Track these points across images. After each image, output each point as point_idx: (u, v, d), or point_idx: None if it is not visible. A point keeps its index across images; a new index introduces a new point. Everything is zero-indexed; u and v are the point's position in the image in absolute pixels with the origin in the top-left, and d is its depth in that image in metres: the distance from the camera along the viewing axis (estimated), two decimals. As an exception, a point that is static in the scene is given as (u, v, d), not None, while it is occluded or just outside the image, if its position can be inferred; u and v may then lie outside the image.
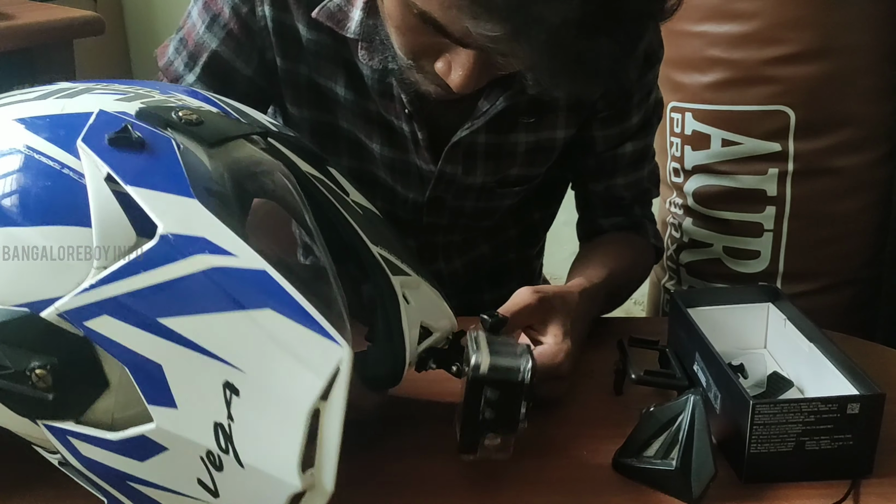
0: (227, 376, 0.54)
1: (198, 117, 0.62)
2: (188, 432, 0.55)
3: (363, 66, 0.89)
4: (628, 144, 1.01)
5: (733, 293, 0.87)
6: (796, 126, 1.18)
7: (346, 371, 0.54)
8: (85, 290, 0.55)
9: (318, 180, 0.68)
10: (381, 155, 0.96)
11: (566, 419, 0.79)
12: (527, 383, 0.66)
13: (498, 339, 0.70)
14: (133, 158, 0.58)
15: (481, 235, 1.08)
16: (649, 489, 0.69)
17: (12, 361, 0.56)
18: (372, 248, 0.66)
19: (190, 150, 0.59)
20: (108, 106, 0.62)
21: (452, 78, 0.75)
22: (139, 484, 0.58)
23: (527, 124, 0.95)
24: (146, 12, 2.80)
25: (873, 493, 0.69)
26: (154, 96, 0.65)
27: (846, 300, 1.28)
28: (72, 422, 0.58)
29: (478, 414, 0.66)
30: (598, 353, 0.89)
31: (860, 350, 0.88)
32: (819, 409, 0.68)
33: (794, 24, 1.15)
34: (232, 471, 0.55)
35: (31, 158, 0.58)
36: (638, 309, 2.27)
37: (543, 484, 0.70)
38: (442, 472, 0.71)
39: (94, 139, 0.58)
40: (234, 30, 0.90)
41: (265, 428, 0.54)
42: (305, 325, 0.54)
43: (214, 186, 0.59)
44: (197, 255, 0.54)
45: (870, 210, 1.27)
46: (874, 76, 1.20)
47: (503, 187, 1.00)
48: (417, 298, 0.68)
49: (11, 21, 1.65)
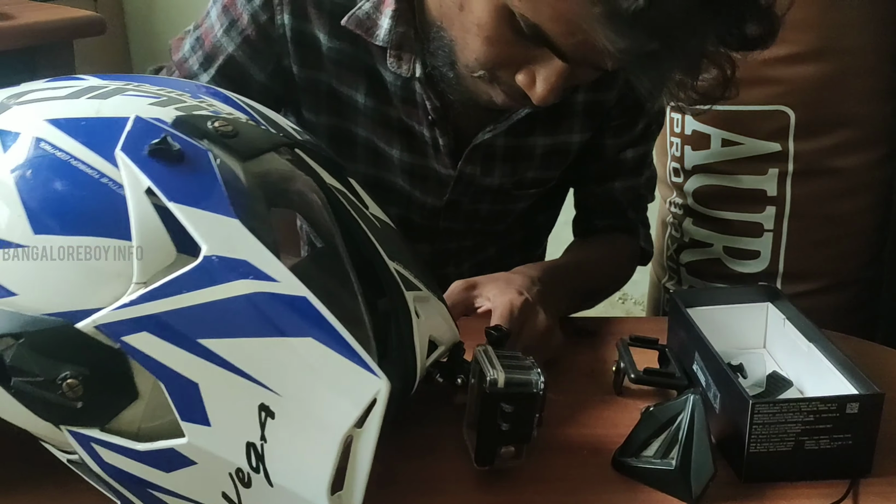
0: (264, 399, 0.54)
1: (233, 129, 0.61)
2: (219, 450, 0.56)
3: (387, 73, 0.90)
4: (629, 151, 1.02)
5: (732, 293, 0.87)
6: (796, 126, 1.18)
7: (382, 402, 0.55)
8: (125, 305, 0.54)
9: (341, 193, 0.68)
10: (400, 161, 0.96)
11: (566, 419, 0.79)
12: (540, 395, 0.67)
13: (506, 354, 0.71)
14: (173, 172, 0.56)
15: (490, 240, 1.09)
16: (649, 489, 0.69)
17: (42, 370, 0.56)
18: (389, 264, 0.66)
19: (226, 164, 0.58)
20: (143, 111, 0.60)
21: (537, 90, 0.75)
22: (159, 492, 0.58)
23: (544, 128, 0.96)
24: (146, 12, 2.80)
25: (872, 492, 0.70)
26: (186, 101, 0.64)
27: (846, 300, 1.28)
28: (97, 429, 0.57)
29: (494, 427, 0.67)
30: (598, 352, 0.90)
31: (860, 350, 0.88)
32: (818, 409, 0.68)
33: (794, 24, 1.15)
34: (260, 489, 0.56)
35: (68, 164, 0.57)
36: (638, 309, 2.27)
37: (543, 483, 0.70)
38: (442, 472, 0.71)
39: (133, 149, 0.57)
40: (251, 36, 0.91)
41: (298, 450, 0.55)
42: (345, 356, 0.55)
43: (250, 203, 0.58)
44: (241, 280, 0.54)
45: (870, 210, 1.26)
46: (874, 77, 1.20)
47: (519, 189, 1.01)
48: (427, 312, 0.69)
49: (11, 21, 1.65)
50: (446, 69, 0.83)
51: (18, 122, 0.59)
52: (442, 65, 0.83)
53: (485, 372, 0.68)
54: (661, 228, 1.40)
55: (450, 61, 0.82)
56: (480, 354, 0.71)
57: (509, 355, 0.71)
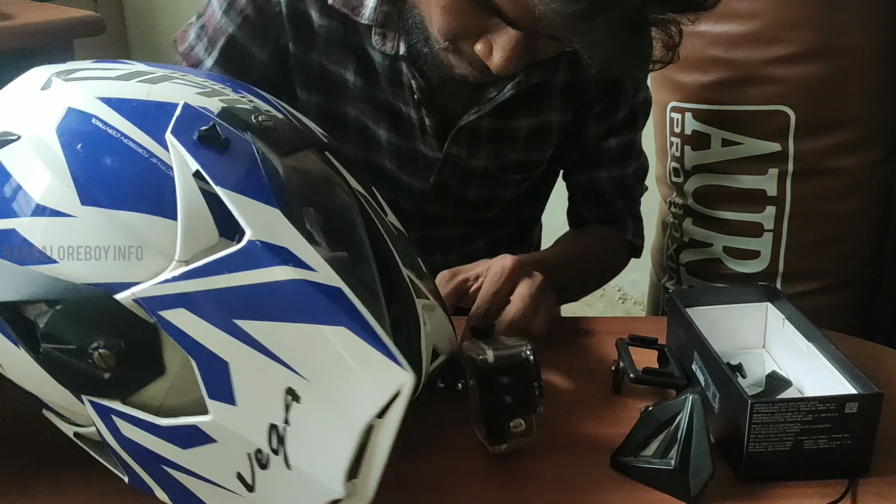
0: (291, 383, 0.55)
1: (273, 124, 0.63)
2: (242, 430, 0.57)
3: (374, 52, 0.92)
4: (612, 139, 1.04)
5: (732, 293, 0.87)
6: (796, 126, 1.18)
7: (406, 394, 0.56)
8: (166, 280, 0.56)
9: (364, 198, 0.69)
10: (387, 142, 0.98)
11: (565, 418, 0.79)
12: (532, 360, 0.70)
13: (494, 339, 0.75)
14: (219, 158, 0.58)
15: (479, 230, 1.09)
16: (648, 488, 0.69)
17: (76, 338, 0.57)
18: (403, 271, 0.68)
19: (267, 157, 0.60)
20: (191, 99, 0.62)
21: (493, 59, 0.77)
22: (173, 469, 0.59)
23: (527, 109, 0.98)
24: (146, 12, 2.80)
25: (871, 492, 0.70)
26: (228, 94, 0.66)
27: (846, 300, 1.28)
28: (119, 401, 0.59)
29: (498, 402, 0.69)
30: (597, 352, 0.90)
31: (859, 350, 0.88)
32: (817, 409, 0.68)
33: (793, 24, 1.15)
34: (277, 471, 0.57)
35: (120, 142, 0.58)
36: (638, 309, 2.27)
37: (542, 482, 0.70)
38: (441, 471, 0.71)
39: (182, 133, 0.59)
40: (250, 15, 0.93)
41: (320, 435, 0.56)
42: (375, 347, 0.56)
43: (289, 196, 0.60)
44: (281, 266, 0.56)
45: (870, 210, 1.26)
46: (874, 76, 1.20)
47: (504, 173, 1.03)
48: (432, 321, 0.70)
49: (11, 21, 1.65)
50: (421, 45, 0.85)
51: (70, 97, 0.61)
52: (417, 41, 0.86)
53: (475, 356, 0.70)
54: (661, 228, 1.40)
55: (423, 37, 0.84)
56: (467, 346, 0.73)
57: (497, 339, 0.74)
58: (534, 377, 0.70)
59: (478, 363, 0.70)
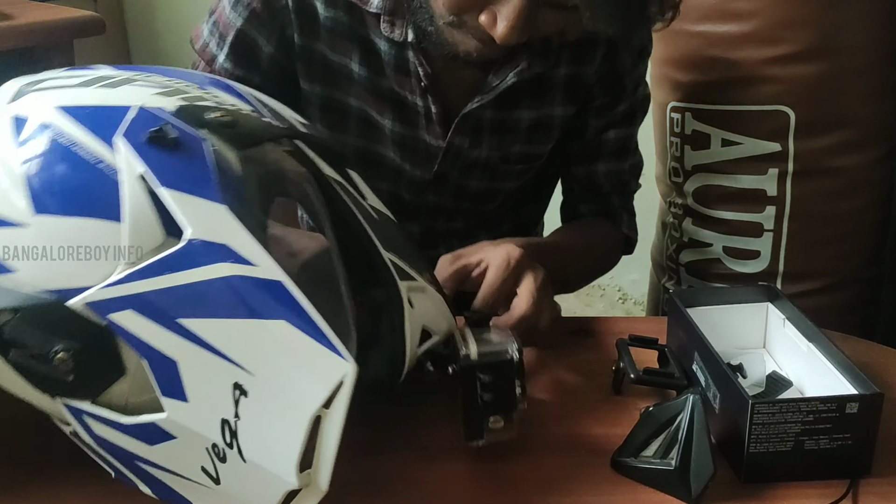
0: (238, 378, 0.57)
1: (231, 118, 0.63)
2: (196, 425, 0.58)
3: (381, 41, 0.94)
4: (611, 132, 1.06)
5: (732, 293, 0.87)
6: (796, 126, 1.18)
7: (349, 384, 0.57)
8: (112, 283, 0.57)
9: (339, 184, 0.70)
10: (391, 131, 0.99)
11: (565, 418, 0.79)
12: (516, 361, 0.69)
13: (485, 330, 0.75)
14: (167, 159, 0.59)
15: (480, 225, 1.10)
16: (648, 489, 0.69)
17: (36, 343, 0.59)
18: (384, 254, 0.69)
19: (222, 153, 0.61)
20: (147, 101, 0.63)
21: (498, 29, 0.80)
22: (146, 465, 0.61)
23: (530, 101, 0.99)
24: (146, 12, 2.80)
25: (872, 492, 0.69)
26: (191, 92, 0.67)
27: (846, 300, 1.28)
28: (88, 402, 0.61)
29: (477, 400, 0.69)
30: (598, 352, 0.89)
31: (860, 350, 0.88)
32: (818, 409, 0.68)
33: (793, 24, 1.15)
34: (234, 464, 0.58)
35: (68, 150, 0.60)
36: (638, 309, 2.27)
37: (542, 483, 0.70)
38: (440, 473, 0.71)
39: (133, 135, 0.60)
40: (256, 8, 0.94)
41: (269, 428, 0.57)
42: (315, 339, 0.57)
43: (242, 191, 0.61)
44: (220, 263, 0.57)
45: (870, 210, 1.26)
46: (874, 76, 1.20)
47: (506, 164, 1.04)
48: (421, 302, 0.71)
49: (11, 21, 1.65)
50: (427, 24, 0.87)
51: (31, 108, 0.63)
52: (422, 20, 0.88)
53: (458, 349, 0.70)
54: (661, 228, 1.40)
55: (428, 15, 0.87)
56: (457, 336, 0.73)
57: (488, 331, 0.74)
58: (516, 377, 0.70)
59: (460, 358, 0.70)
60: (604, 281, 2.25)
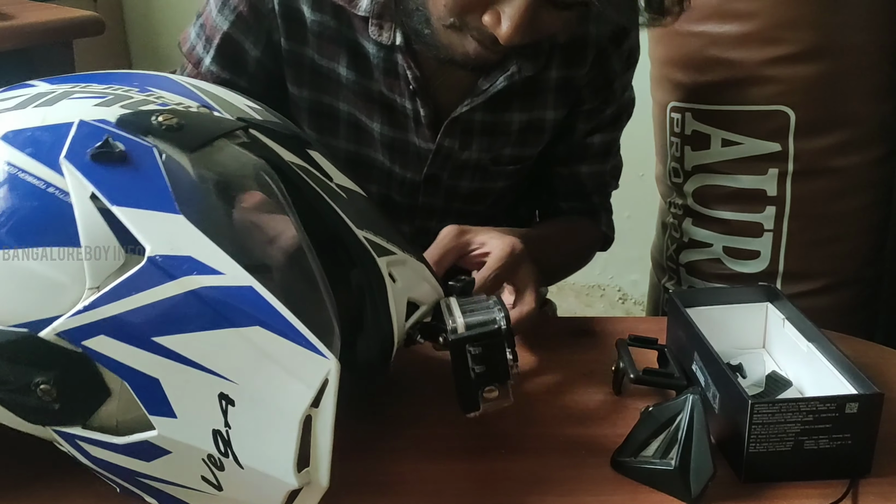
0: (222, 388, 0.56)
1: (178, 121, 0.61)
2: (188, 439, 0.57)
3: (369, 44, 0.93)
4: (597, 136, 1.06)
5: (732, 293, 0.87)
6: (796, 126, 1.18)
7: (334, 381, 0.56)
8: (80, 311, 0.56)
9: (301, 168, 0.68)
10: (380, 134, 0.99)
11: (565, 418, 0.79)
12: (504, 330, 0.69)
13: (469, 300, 0.73)
14: (116, 174, 0.58)
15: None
16: (648, 489, 0.69)
17: (15, 377, 0.58)
18: (357, 234, 0.67)
19: (173, 159, 0.59)
20: (87, 114, 0.61)
21: (502, 29, 0.80)
22: (147, 479, 0.61)
23: (521, 103, 0.99)
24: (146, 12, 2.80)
25: (872, 492, 0.69)
26: (133, 96, 0.65)
27: (846, 300, 1.28)
28: (79, 427, 0.60)
29: (469, 373, 0.69)
30: (597, 352, 0.89)
31: (860, 350, 0.88)
32: (818, 409, 0.68)
33: (793, 24, 1.15)
34: (233, 470, 0.58)
35: (16, 177, 0.58)
36: (638, 309, 2.27)
37: (541, 483, 0.70)
38: (440, 473, 0.71)
39: (77, 155, 0.58)
40: (243, 12, 0.94)
41: (261, 434, 0.57)
42: (294, 341, 0.56)
43: (199, 196, 0.59)
44: (185, 277, 0.55)
45: (870, 210, 1.26)
46: (874, 76, 1.20)
47: (497, 165, 1.04)
48: (404, 275, 0.70)
49: (11, 21, 1.65)
50: (422, 26, 0.87)
51: None
52: (418, 22, 0.87)
53: (446, 322, 0.69)
54: (661, 228, 1.40)
55: (424, 18, 0.86)
56: (443, 307, 0.72)
57: (472, 300, 0.73)
58: (506, 345, 0.69)
59: (448, 334, 0.69)
60: (604, 281, 2.25)
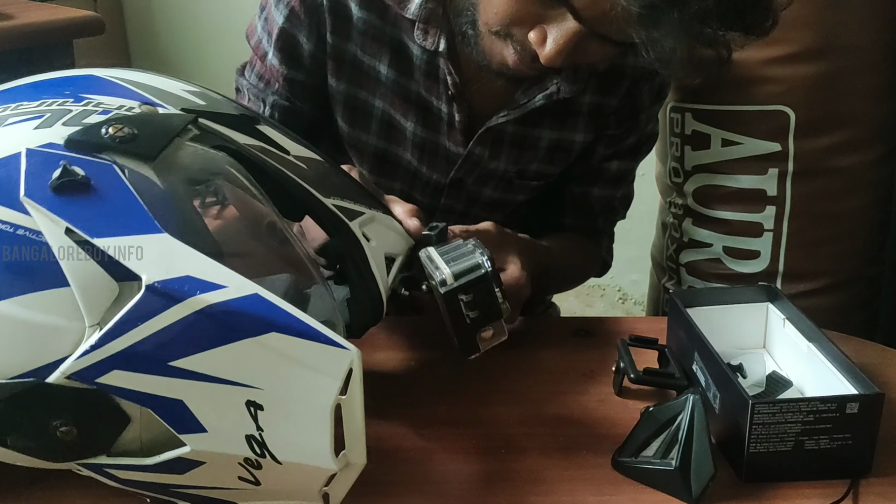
0: (248, 396, 0.56)
1: (129, 130, 0.58)
2: (223, 448, 0.57)
3: (414, 46, 0.95)
4: (615, 162, 1.07)
5: (732, 293, 0.87)
6: (796, 126, 1.18)
7: (358, 369, 0.56)
8: (87, 352, 0.54)
9: (259, 149, 0.67)
10: (413, 134, 1.00)
11: (565, 419, 0.79)
12: (490, 271, 0.70)
13: (448, 247, 0.74)
14: (85, 204, 0.55)
15: None
16: (648, 489, 0.69)
17: (33, 426, 0.56)
18: (326, 203, 0.68)
19: (136, 172, 0.57)
20: (30, 140, 0.57)
21: (545, 49, 0.80)
22: (182, 489, 0.61)
23: (552, 122, 1.00)
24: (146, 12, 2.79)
25: (872, 492, 0.69)
26: (71, 108, 0.61)
27: (846, 300, 1.28)
28: (103, 456, 0.59)
29: (464, 319, 0.70)
30: (598, 352, 0.89)
31: (860, 350, 0.88)
32: (818, 409, 0.68)
33: (794, 24, 1.15)
34: (271, 467, 0.58)
35: None
36: (638, 309, 2.27)
37: (542, 483, 0.70)
38: (442, 473, 0.71)
39: (37, 189, 0.54)
40: (295, 7, 0.96)
41: (294, 430, 0.57)
42: (311, 339, 0.56)
43: (174, 207, 0.58)
44: (188, 299, 0.53)
45: (870, 209, 1.26)
46: (874, 75, 1.20)
47: (521, 179, 1.06)
48: (376, 232, 0.71)
49: (11, 21, 1.65)
50: (468, 27, 0.87)
51: None
52: (465, 22, 0.87)
53: (432, 276, 0.70)
54: (661, 228, 1.40)
55: (472, 19, 0.86)
56: (424, 259, 0.73)
57: (451, 247, 0.74)
58: (495, 286, 0.70)
59: (438, 286, 0.69)
60: (604, 281, 2.25)
